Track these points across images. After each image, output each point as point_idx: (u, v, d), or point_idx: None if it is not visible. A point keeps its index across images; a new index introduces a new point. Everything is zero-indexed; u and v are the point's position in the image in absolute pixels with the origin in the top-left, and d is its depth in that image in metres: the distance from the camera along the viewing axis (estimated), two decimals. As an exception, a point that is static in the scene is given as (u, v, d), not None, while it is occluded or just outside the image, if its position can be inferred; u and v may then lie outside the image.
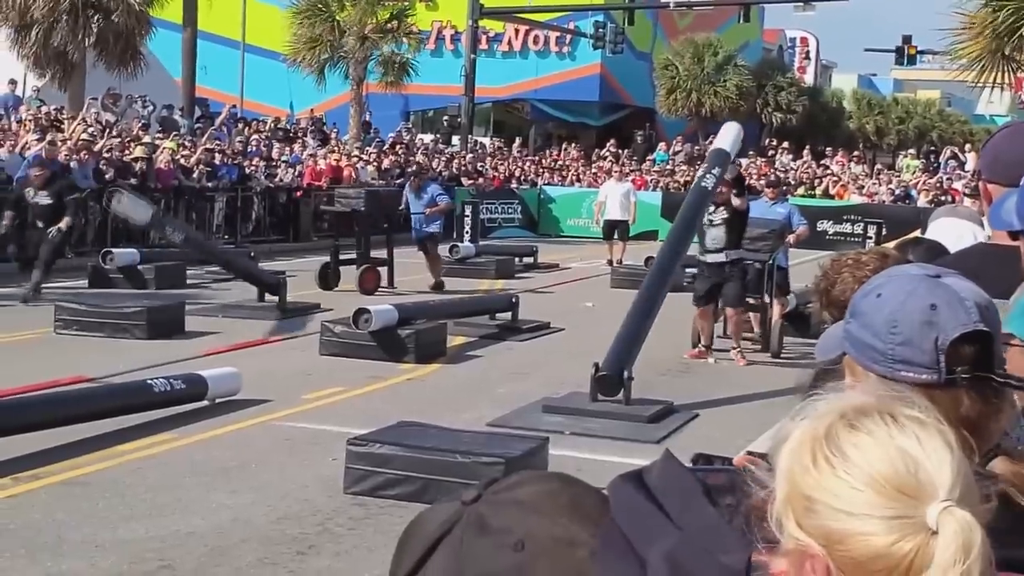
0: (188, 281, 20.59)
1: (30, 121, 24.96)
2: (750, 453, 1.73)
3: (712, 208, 14.53)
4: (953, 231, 5.57)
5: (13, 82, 30.38)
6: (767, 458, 1.61)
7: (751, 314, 15.97)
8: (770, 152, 47.84)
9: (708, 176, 14.17)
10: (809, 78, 68.39)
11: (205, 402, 11.18)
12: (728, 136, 14.95)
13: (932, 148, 56.01)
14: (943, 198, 33.85)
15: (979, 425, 1.81)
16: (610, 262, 26.82)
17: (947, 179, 39.33)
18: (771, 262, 15.60)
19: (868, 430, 1.38)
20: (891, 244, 4.31)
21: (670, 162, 43.87)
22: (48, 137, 22.84)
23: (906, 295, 1.81)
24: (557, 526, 1.35)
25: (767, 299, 15.83)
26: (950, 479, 1.33)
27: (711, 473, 1.54)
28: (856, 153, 49.18)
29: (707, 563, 1.29)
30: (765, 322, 15.87)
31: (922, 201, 36.51)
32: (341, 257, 21.15)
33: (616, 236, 27.60)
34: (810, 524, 1.36)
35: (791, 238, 16.20)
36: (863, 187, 39.77)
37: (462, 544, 1.36)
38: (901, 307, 1.80)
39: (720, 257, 14.66)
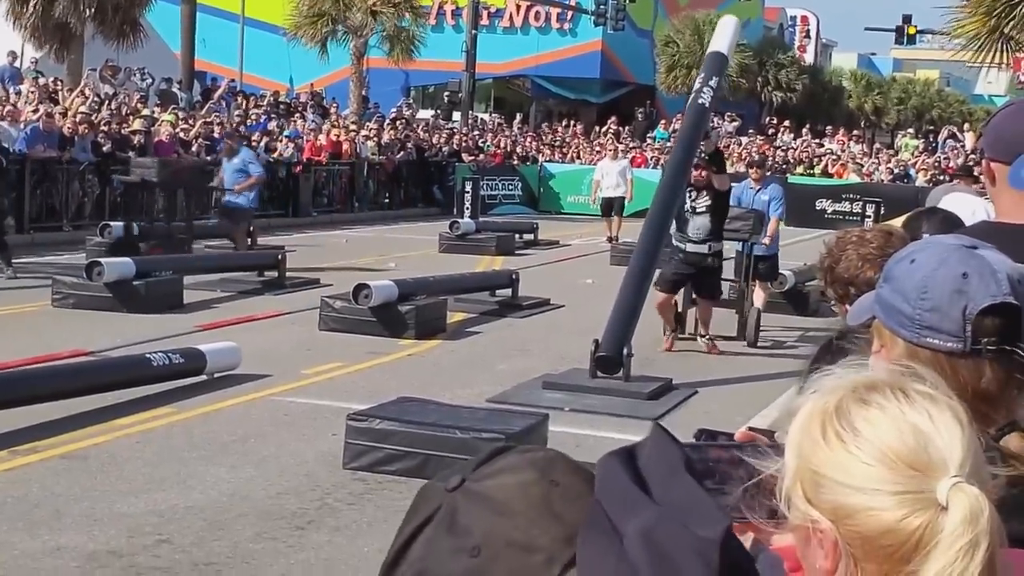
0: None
1: (32, 93, 24.89)
2: (751, 429, 1.73)
3: (693, 194, 13.52)
4: (967, 206, 5.55)
5: (12, 54, 30.28)
6: (769, 434, 1.61)
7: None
8: (770, 131, 47.78)
9: (705, 89, 12.98)
10: (809, 57, 68.30)
11: (204, 377, 11.17)
12: (725, 35, 13.55)
13: (931, 128, 56.02)
14: (941, 177, 33.84)
15: (998, 398, 1.81)
16: (610, 239, 26.82)
17: (945, 159, 39.34)
18: (750, 245, 14.84)
19: (879, 405, 1.37)
20: (904, 217, 4.29)
21: (670, 140, 43.81)
22: (42, 109, 22.79)
23: (939, 262, 1.82)
24: (517, 530, 1.35)
25: (744, 285, 15.07)
26: (960, 455, 1.33)
27: (714, 447, 1.53)
28: (855, 132, 49.14)
29: (682, 537, 1.28)
30: (742, 310, 15.01)
31: (920, 180, 36.54)
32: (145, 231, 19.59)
33: (613, 212, 27.62)
34: (819, 499, 1.36)
35: (764, 240, 15.02)
36: (862, 166, 39.76)
37: (431, 541, 1.37)
38: (933, 274, 1.80)
39: (703, 248, 13.61)
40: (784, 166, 39.19)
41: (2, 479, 8.18)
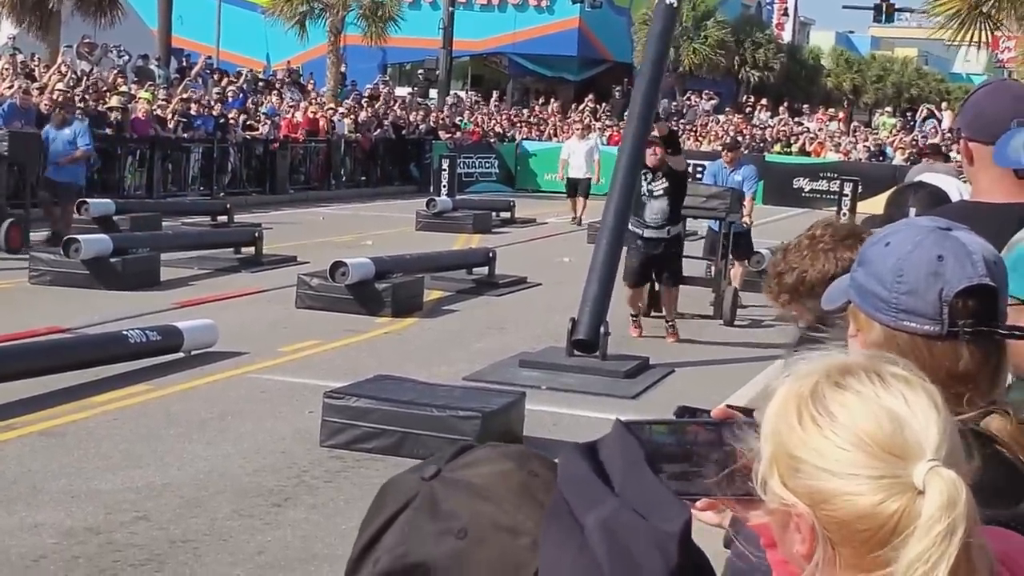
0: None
1: (7, 69, 24.71)
2: (729, 407, 1.73)
3: (649, 176, 12.99)
4: (940, 186, 5.55)
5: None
6: (747, 412, 1.61)
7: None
8: (747, 109, 47.78)
9: None
10: (787, 35, 68.24)
11: (181, 354, 11.16)
12: None
13: (909, 106, 56.08)
14: (918, 156, 33.92)
15: (977, 380, 1.81)
16: (574, 219, 26.70)
17: (923, 137, 39.42)
18: (728, 223, 14.73)
19: (854, 389, 1.37)
20: (888, 193, 4.28)
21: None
22: (16, 84, 22.61)
23: (914, 245, 1.81)
24: (503, 514, 1.35)
25: (722, 264, 14.99)
26: (936, 438, 1.33)
27: (692, 425, 1.53)
28: (831, 110, 49.19)
29: (641, 529, 1.29)
30: (719, 289, 14.95)
31: (898, 159, 36.62)
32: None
33: (579, 193, 27.37)
34: (795, 484, 1.35)
35: (745, 219, 15.20)
36: (839, 144, 39.82)
37: (411, 526, 1.37)
38: (908, 256, 1.80)
39: (662, 234, 13.18)
40: (761, 144, 39.24)
41: (-22, 456, 8.16)
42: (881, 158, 37.91)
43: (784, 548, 1.41)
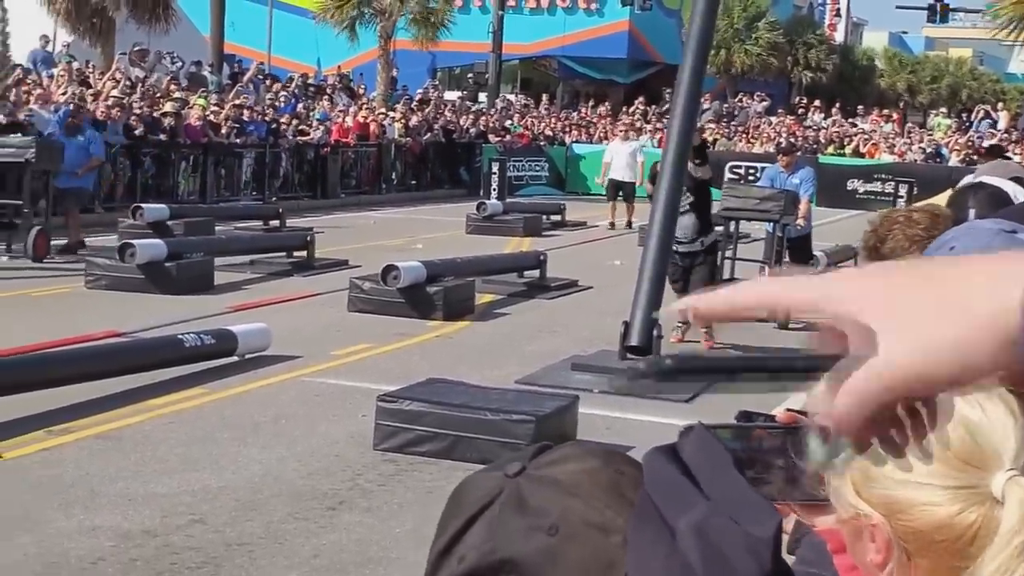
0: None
1: (62, 76, 24.98)
2: (790, 410, 1.72)
3: None
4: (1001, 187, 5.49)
5: (44, 38, 30.43)
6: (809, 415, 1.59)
7: None
8: (800, 110, 47.55)
9: None
10: (839, 36, 67.87)
11: (235, 358, 11.22)
12: None
13: (963, 107, 55.62)
14: (975, 157, 33.64)
15: None
16: (612, 224, 26.31)
17: (979, 138, 39.07)
18: (783, 226, 14.65)
19: None
20: (948, 193, 4.22)
21: (699, 119, 43.51)
22: (70, 91, 22.83)
23: (980, 249, 1.78)
24: (593, 511, 1.34)
25: (776, 266, 14.74)
26: (1015, 447, 1.30)
27: (757, 430, 1.52)
28: (885, 111, 48.86)
29: (734, 533, 1.27)
30: None
31: (953, 160, 36.32)
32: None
33: (622, 197, 26.74)
34: (870, 493, 1.33)
35: (800, 221, 15.09)
36: (894, 146, 39.53)
37: (498, 522, 1.35)
38: None
39: (695, 247, 13.07)
40: (815, 146, 39.02)
41: (37, 459, 8.24)
42: (937, 159, 37.58)
43: (857, 557, 1.39)
